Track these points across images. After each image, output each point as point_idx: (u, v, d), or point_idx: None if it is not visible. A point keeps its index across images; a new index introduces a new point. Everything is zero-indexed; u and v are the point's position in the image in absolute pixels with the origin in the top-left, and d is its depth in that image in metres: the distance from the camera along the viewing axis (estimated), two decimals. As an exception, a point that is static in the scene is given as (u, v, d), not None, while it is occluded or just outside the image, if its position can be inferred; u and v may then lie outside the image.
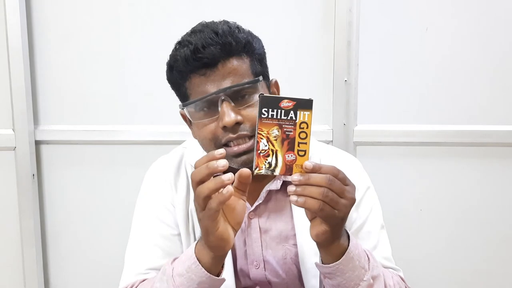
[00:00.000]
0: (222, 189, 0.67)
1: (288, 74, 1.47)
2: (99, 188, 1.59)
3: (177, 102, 1.49)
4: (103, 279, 1.59)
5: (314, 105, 0.70)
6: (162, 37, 1.47)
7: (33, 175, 1.55)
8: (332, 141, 1.47)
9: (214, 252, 0.74)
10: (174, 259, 0.81)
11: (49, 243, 1.63)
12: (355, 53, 1.45)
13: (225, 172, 0.92)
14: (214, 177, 0.68)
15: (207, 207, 0.68)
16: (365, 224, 0.93)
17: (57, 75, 1.54)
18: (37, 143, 1.56)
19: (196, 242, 0.78)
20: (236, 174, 0.71)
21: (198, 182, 0.68)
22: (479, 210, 1.51)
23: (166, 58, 0.88)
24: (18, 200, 1.55)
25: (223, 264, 0.79)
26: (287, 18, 1.46)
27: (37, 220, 1.57)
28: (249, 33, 0.87)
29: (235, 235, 0.75)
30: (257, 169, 0.70)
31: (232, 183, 0.69)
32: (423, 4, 1.43)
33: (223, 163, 0.67)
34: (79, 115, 1.55)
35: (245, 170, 0.71)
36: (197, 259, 0.76)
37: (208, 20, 0.88)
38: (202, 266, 0.75)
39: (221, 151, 0.68)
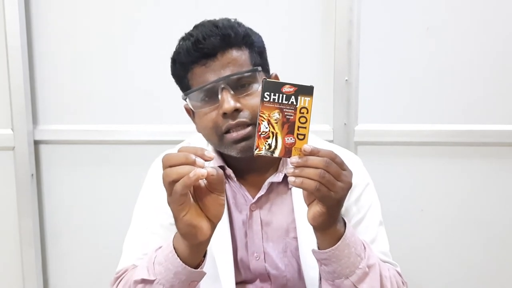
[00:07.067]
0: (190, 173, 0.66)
1: (288, 73, 1.45)
2: (98, 188, 1.58)
3: (177, 101, 1.48)
4: (102, 279, 1.58)
5: (315, 105, 0.71)
6: (161, 37, 1.47)
7: (32, 175, 1.55)
8: (332, 140, 1.47)
9: (186, 240, 0.73)
10: (160, 247, 0.80)
11: (48, 243, 1.62)
12: (356, 52, 1.44)
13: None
14: None
15: (173, 190, 0.67)
16: (364, 219, 0.94)
17: (56, 75, 1.54)
18: (36, 142, 1.56)
19: None
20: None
21: (168, 166, 0.68)
22: (480, 210, 1.50)
23: (166, 58, 0.90)
24: (17, 200, 1.55)
25: (205, 256, 0.78)
26: (287, 17, 1.46)
27: (36, 220, 1.57)
28: (249, 29, 0.91)
29: (213, 227, 0.74)
30: (257, 149, 0.72)
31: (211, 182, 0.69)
32: (424, 3, 1.43)
33: (202, 160, 0.67)
34: (78, 114, 1.55)
35: (219, 170, 0.70)
36: (174, 248, 0.76)
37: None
38: (178, 256, 0.75)
39: (211, 154, 0.68)
